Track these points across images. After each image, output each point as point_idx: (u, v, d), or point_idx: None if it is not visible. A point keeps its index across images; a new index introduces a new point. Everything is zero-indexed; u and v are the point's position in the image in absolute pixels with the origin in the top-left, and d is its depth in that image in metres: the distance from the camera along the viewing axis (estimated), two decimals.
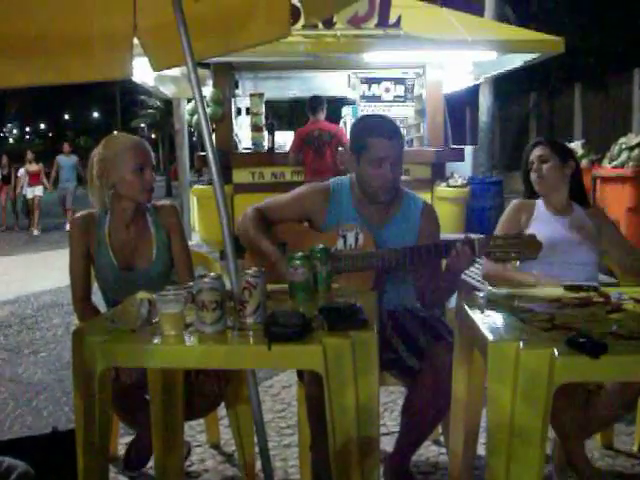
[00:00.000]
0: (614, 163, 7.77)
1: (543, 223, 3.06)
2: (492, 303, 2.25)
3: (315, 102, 7.79)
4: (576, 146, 10.80)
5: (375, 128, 2.71)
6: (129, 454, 2.93)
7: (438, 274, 2.71)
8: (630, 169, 7.39)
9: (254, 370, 2.32)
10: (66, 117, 58.71)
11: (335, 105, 9.52)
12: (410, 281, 2.81)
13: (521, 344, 1.78)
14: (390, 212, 2.83)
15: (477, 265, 3.11)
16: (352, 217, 2.79)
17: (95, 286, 2.91)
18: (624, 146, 7.75)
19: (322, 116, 7.80)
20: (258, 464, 2.66)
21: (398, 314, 2.74)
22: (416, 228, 2.82)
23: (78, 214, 2.85)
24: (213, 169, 2.32)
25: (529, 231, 2.96)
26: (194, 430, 3.37)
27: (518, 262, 2.97)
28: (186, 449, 2.97)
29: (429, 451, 3.10)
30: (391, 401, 3.67)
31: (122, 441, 3.24)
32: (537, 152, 3.15)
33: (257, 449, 2.44)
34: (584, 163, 10.26)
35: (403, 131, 8.91)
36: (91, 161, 2.79)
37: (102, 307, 2.87)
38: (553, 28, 10.08)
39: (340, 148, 7.53)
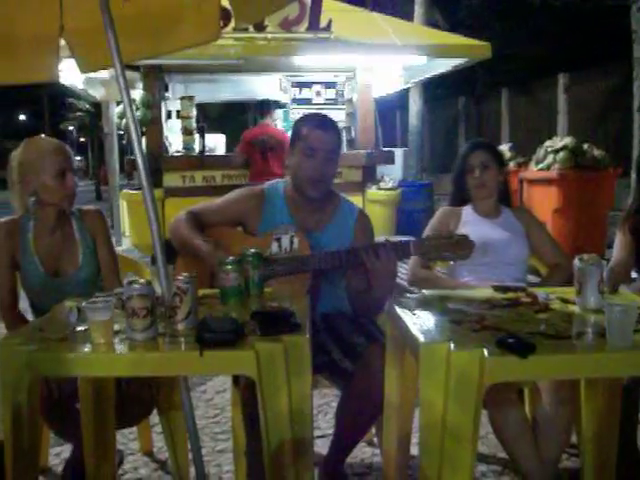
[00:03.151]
0: (540, 166, 7.94)
1: (472, 226, 3.08)
2: (423, 305, 2.28)
3: (263, 107, 7.91)
4: (504, 149, 11.05)
5: (312, 120, 2.81)
6: (65, 472, 2.86)
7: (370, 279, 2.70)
8: (556, 171, 7.57)
9: (186, 376, 2.30)
10: None
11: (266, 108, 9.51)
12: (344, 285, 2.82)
13: (452, 345, 1.81)
14: (325, 217, 2.84)
15: (403, 269, 3.14)
16: (287, 220, 2.79)
17: (22, 294, 2.84)
18: (550, 149, 7.93)
19: (270, 121, 7.93)
20: (192, 470, 2.63)
21: (332, 317, 2.75)
22: (350, 235, 2.82)
23: (1, 221, 2.78)
24: (142, 173, 2.30)
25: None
26: (126, 438, 3.32)
27: (451, 262, 2.99)
28: (118, 457, 2.92)
29: (363, 452, 3.12)
30: (325, 403, 3.67)
31: (53, 451, 3.16)
32: (478, 157, 3.14)
33: (191, 455, 2.41)
34: (511, 166, 10.51)
35: None
36: (10, 165, 2.73)
37: (29, 315, 2.81)
38: (480, 33, 10.28)
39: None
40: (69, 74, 2.96)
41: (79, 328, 2.03)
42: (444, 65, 8.78)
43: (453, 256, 2.52)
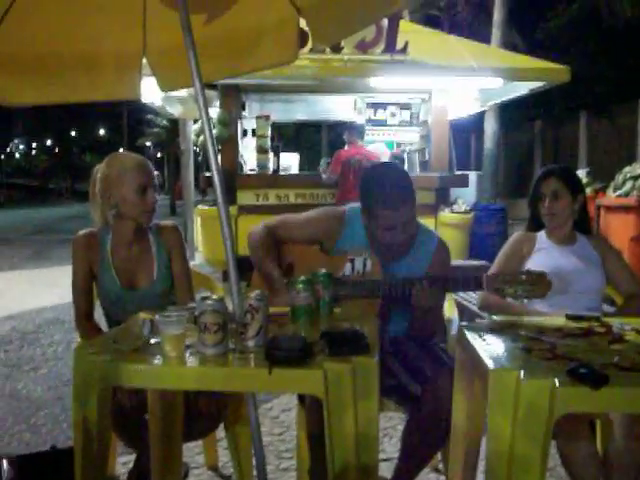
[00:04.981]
0: (618, 192, 7.78)
1: (546, 253, 3.03)
2: (493, 330, 2.25)
3: (353, 129, 8.09)
4: (581, 174, 10.81)
5: (383, 198, 2.62)
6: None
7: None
8: (634, 198, 7.40)
9: (254, 392, 2.31)
10: (72, 133, 58.96)
11: (340, 129, 9.56)
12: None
13: (522, 373, 1.78)
14: (402, 249, 2.78)
15: (474, 293, 3.10)
16: (364, 244, 2.78)
17: (97, 305, 2.91)
18: (629, 175, 7.76)
19: (362, 142, 8.12)
20: None
21: (400, 341, 2.74)
22: (427, 264, 2.79)
23: (81, 232, 2.84)
24: (218, 190, 2.34)
25: (532, 262, 2.96)
26: (192, 452, 3.36)
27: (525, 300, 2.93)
28: (184, 470, 2.96)
29: (428, 478, 3.09)
30: (391, 427, 3.65)
31: (120, 460, 3.23)
32: (549, 186, 3.05)
33: (255, 472, 2.43)
34: (588, 191, 10.27)
35: (407, 158, 8.96)
36: (93, 178, 2.80)
37: (103, 325, 2.88)
38: (559, 55, 10.14)
39: None
40: (148, 91, 3.02)
41: (152, 341, 2.07)
42: (521, 88, 8.70)
43: (529, 295, 2.46)
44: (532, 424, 1.77)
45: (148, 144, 37.52)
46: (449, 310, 3.01)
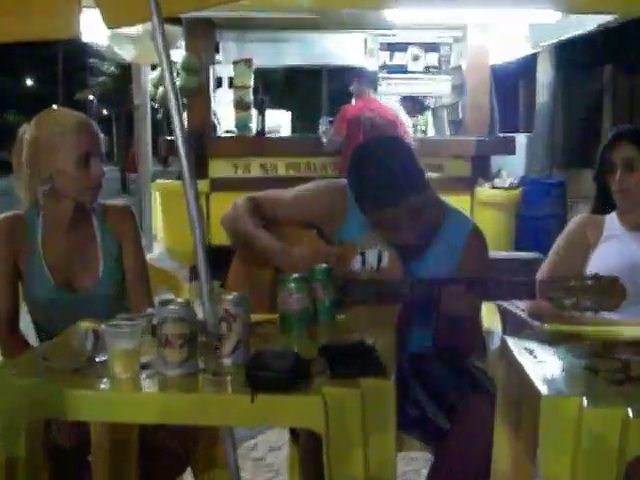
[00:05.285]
0: None
1: (618, 242, 3.02)
2: (547, 344, 2.26)
3: (362, 76, 8.09)
4: None
5: (375, 192, 2.62)
6: None
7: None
8: None
9: (232, 427, 2.32)
10: None
11: (346, 78, 9.54)
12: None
13: (584, 400, 1.79)
14: (424, 239, 2.79)
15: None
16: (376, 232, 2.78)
17: (24, 311, 2.91)
18: None
19: (374, 94, 8.05)
20: None
21: (425, 358, 2.76)
22: (458, 256, 2.80)
23: (1, 215, 2.83)
24: (183, 159, 2.34)
25: (597, 254, 2.96)
26: None
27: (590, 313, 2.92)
28: None
29: None
30: (412, 471, 3.67)
31: None
32: (621, 152, 3.03)
33: None
34: None
35: (433, 116, 8.93)
36: (19, 143, 2.78)
37: (32, 339, 2.88)
38: None
39: None
40: (91, 29, 3.01)
41: (97, 359, 2.08)
42: (586, 23, 8.64)
43: (596, 306, 2.44)
44: (598, 467, 1.78)
45: (91, 98, 37.52)
46: (488, 317, 3.02)
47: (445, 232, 2.82)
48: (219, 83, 8.84)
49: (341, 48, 9.40)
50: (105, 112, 43.29)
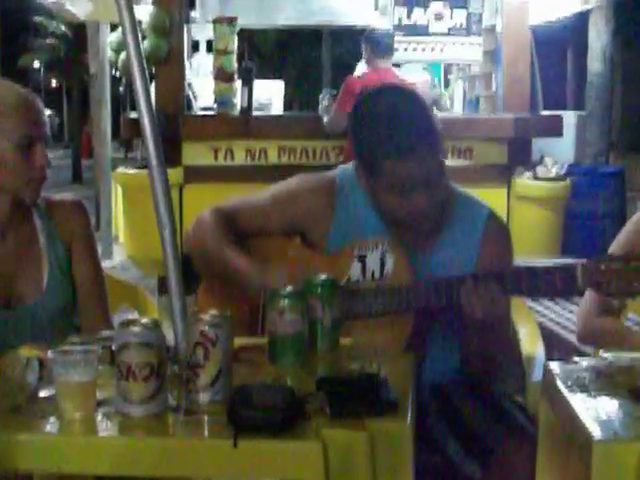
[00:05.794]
0: None
1: None
2: (601, 377, 2.26)
3: (385, 40, 7.94)
4: None
5: (388, 142, 2.62)
6: None
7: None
8: None
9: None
10: None
11: (354, 41, 9.55)
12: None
13: None
14: (434, 228, 2.82)
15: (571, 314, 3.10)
16: (375, 229, 2.80)
17: None
18: None
19: (390, 62, 7.97)
20: None
21: (448, 390, 2.76)
22: (475, 251, 2.82)
23: None
24: (150, 143, 2.34)
25: None
26: None
27: None
28: None
29: None
30: None
31: None
32: None
33: None
34: None
35: (462, 85, 8.94)
36: None
37: None
38: None
39: None
40: None
41: (41, 393, 2.08)
42: None
43: None
44: None
45: (36, 65, 37.54)
46: (530, 341, 3.02)
47: (458, 219, 2.85)
48: (195, 47, 8.85)
49: (346, 4, 9.40)
50: (54, 83, 43.34)
